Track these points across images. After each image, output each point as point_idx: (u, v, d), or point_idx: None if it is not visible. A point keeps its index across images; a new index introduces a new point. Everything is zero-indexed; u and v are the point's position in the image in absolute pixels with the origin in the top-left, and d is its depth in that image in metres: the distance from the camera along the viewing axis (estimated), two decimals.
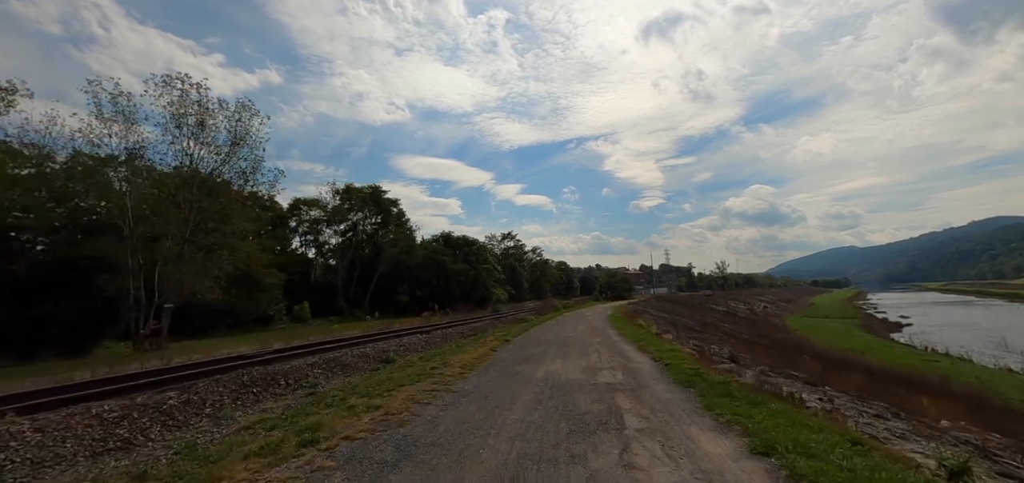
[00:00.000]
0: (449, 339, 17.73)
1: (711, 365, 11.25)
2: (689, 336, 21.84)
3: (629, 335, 16.25)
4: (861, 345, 29.82)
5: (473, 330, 20.89)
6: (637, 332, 17.12)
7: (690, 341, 18.63)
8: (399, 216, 55.44)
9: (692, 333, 25.93)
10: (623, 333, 17.20)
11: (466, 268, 56.86)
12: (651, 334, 16.94)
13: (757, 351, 21.08)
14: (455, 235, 61.11)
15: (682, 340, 17.62)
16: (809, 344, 28.56)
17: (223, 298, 35.80)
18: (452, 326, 23.88)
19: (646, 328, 19.11)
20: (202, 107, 23.89)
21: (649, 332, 17.46)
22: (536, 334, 18.04)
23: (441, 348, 14.48)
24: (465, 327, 23.10)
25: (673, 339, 16.61)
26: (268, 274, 38.89)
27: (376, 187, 55.02)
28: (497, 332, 18.79)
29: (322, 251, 55.17)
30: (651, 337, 15.20)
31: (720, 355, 15.97)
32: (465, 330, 20.90)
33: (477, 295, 57.80)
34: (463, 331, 20.27)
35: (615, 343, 13.96)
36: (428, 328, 22.01)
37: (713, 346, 18.47)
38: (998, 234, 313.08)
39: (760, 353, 20.02)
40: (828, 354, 22.59)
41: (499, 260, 75.37)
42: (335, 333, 21.95)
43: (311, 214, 53.11)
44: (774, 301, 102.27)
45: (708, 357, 14.26)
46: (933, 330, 38.09)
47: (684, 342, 16.86)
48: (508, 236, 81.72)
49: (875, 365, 19.48)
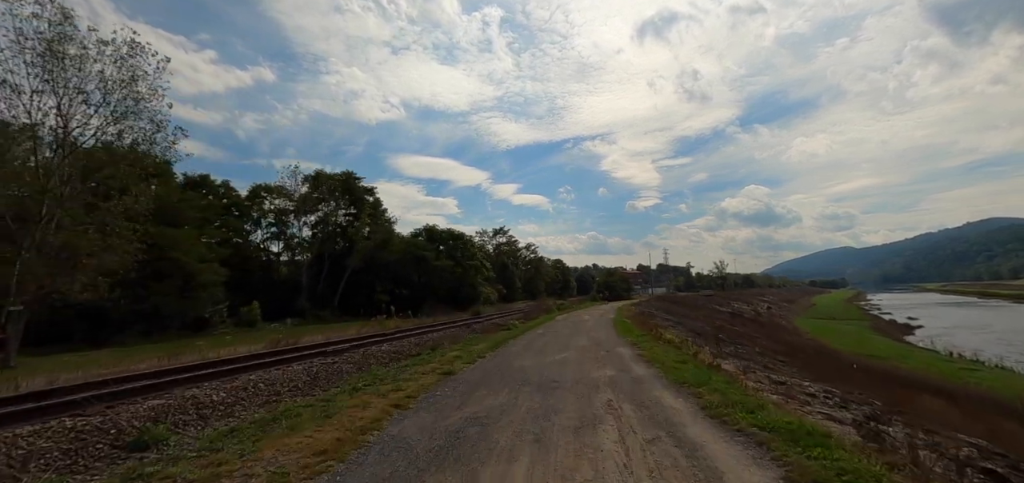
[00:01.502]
0: (366, 363, 11.11)
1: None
2: (721, 350, 15.54)
3: (660, 361, 9.69)
4: (884, 351, 26.64)
5: (423, 345, 14.34)
6: (669, 354, 10.56)
7: (729, 358, 12.32)
8: (375, 206, 48.80)
9: (722, 346, 19.65)
10: (647, 355, 10.64)
11: (451, 264, 50.29)
12: (692, 357, 10.39)
13: (793, 364, 17.12)
14: (440, 228, 54.50)
15: (725, 358, 11.24)
16: (834, 351, 25.40)
17: (140, 299, 29.27)
18: (402, 336, 17.31)
19: (679, 346, 12.54)
20: (56, 32, 17.22)
21: (686, 353, 10.91)
22: (508, 357, 11.48)
23: (312, 398, 7.68)
24: (420, 338, 16.55)
25: (721, 363, 10.17)
26: (205, 270, 32.24)
27: (349, 174, 48.41)
28: (452, 351, 12.26)
29: (290, 245, 48.49)
30: (703, 369, 8.64)
31: (802, 389, 9.60)
32: (411, 344, 14.33)
33: (463, 294, 51.23)
34: (405, 348, 13.68)
35: (649, 393, 7.08)
36: (361, 340, 15.47)
37: (768, 373, 12.07)
38: (994, 235, 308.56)
39: (798, 368, 16.00)
40: (867, 366, 19.59)
41: (490, 257, 68.83)
42: (218, 350, 15.34)
43: (276, 204, 46.45)
44: (776, 302, 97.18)
45: (795, 397, 7.89)
46: (947, 333, 35.34)
47: (740, 368, 10.36)
48: (500, 232, 75.19)
49: (926, 379, 16.34)
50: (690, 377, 7.61)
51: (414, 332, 18.96)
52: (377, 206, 48.83)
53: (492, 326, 21.46)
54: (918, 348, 29.42)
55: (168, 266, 31.34)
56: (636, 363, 9.87)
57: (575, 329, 19.47)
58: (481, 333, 18.89)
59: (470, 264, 52.56)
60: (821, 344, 30.95)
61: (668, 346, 12.27)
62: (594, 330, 18.68)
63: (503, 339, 15.75)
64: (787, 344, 29.89)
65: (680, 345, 12.30)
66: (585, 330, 18.80)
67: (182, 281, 31.51)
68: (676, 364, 9.06)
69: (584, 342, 14.48)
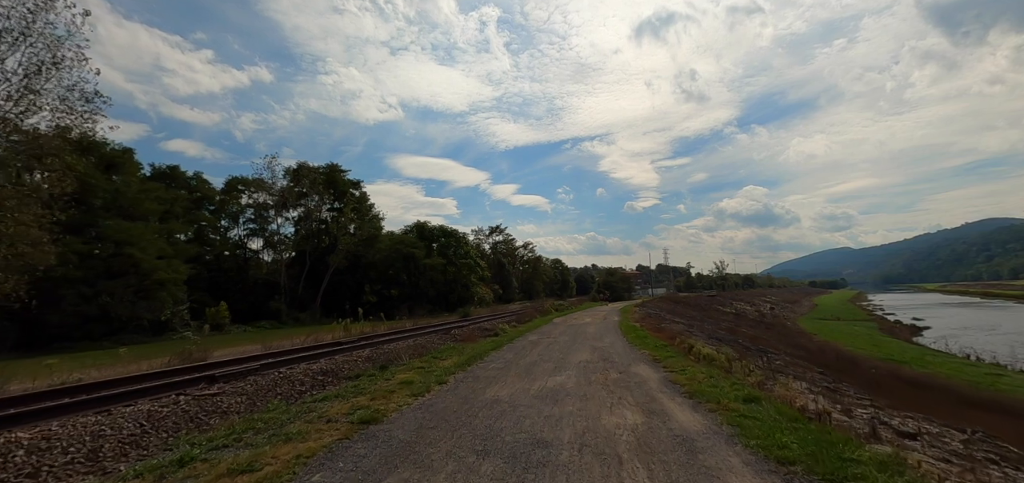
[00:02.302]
0: (264, 397, 7.46)
1: None
2: (770, 365, 12.05)
3: (708, 394, 6.13)
4: (900, 354, 24.78)
5: (376, 359, 10.78)
6: (716, 381, 6.94)
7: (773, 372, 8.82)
8: (360, 201, 45.26)
9: (743, 350, 16.21)
10: (684, 383, 7.06)
11: (442, 263, 46.75)
12: (750, 383, 6.80)
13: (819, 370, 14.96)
14: (431, 224, 50.96)
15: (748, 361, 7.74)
16: (853, 356, 23.35)
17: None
18: (358, 347, 13.72)
19: (718, 362, 8.88)
20: None
21: (737, 377, 7.33)
22: (479, 383, 7.95)
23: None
24: (377, 349, 12.98)
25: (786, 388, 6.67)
26: (164, 267, 28.72)
27: (334, 166, 44.88)
28: (405, 372, 8.74)
29: (271, 242, 44.96)
30: (785, 412, 5.07)
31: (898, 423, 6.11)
32: (358, 360, 10.75)
33: (456, 295, 47.70)
34: (344, 365, 10.09)
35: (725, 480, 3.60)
36: (300, 352, 11.93)
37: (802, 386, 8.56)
38: (993, 236, 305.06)
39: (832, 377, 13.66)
40: (895, 372, 17.96)
41: (486, 256, 65.29)
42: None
43: (255, 198, 42.90)
44: (779, 302, 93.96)
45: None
46: (957, 334, 33.95)
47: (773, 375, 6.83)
48: (497, 230, 71.63)
49: (978, 394, 13.75)
50: (791, 442, 4.07)
51: (379, 339, 15.42)
52: (363, 201, 45.29)
53: (477, 331, 17.92)
54: (932, 351, 27.61)
55: (122, 263, 27.82)
56: (671, 397, 6.35)
57: (575, 336, 15.92)
58: (461, 340, 15.35)
59: (463, 263, 49.03)
60: (838, 348, 28.12)
61: (704, 363, 8.70)
62: (599, 337, 15.13)
63: (483, 351, 12.20)
64: (805, 348, 26.86)
65: (717, 361, 8.72)
66: (588, 337, 15.26)
67: (138, 280, 28.02)
68: (740, 404, 5.51)
69: (587, 355, 10.94)
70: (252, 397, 7.05)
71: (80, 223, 27.17)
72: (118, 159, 31.77)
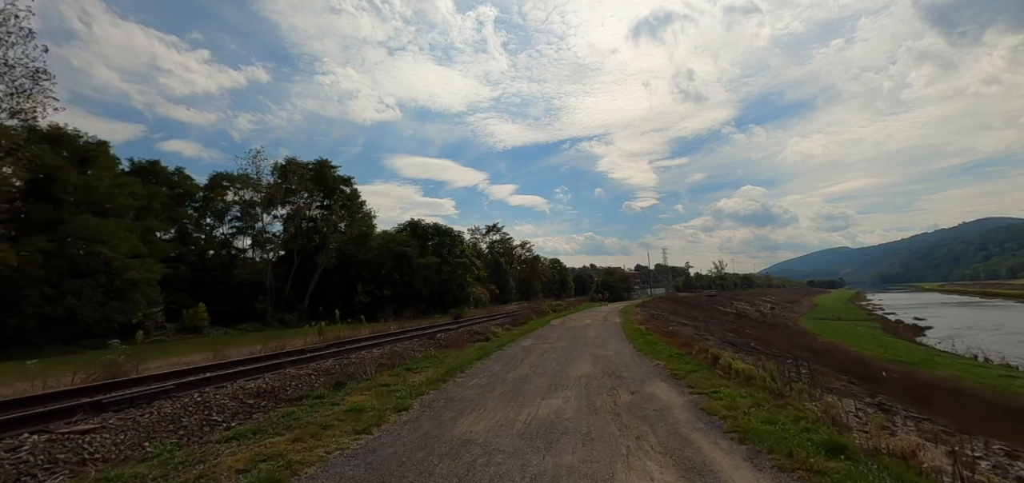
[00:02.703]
0: (140, 441, 5.55)
1: None
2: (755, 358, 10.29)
3: (763, 435, 4.27)
4: (906, 354, 23.69)
5: (336, 372, 8.92)
6: (771, 414, 5.07)
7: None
8: (351, 198, 43.36)
9: (759, 355, 14.45)
10: (725, 415, 5.18)
11: (437, 262, 44.87)
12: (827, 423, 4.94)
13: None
14: (425, 222, 49.09)
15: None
16: (863, 358, 22.01)
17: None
18: (323, 355, 11.82)
19: (759, 380, 6.95)
20: None
21: (809, 415, 5.43)
22: (449, 410, 6.09)
23: None
24: (343, 358, 11.10)
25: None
26: (135, 266, 26.82)
27: (323, 162, 43.00)
28: (362, 394, 6.87)
29: (259, 241, 43.01)
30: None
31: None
32: (310, 374, 8.89)
33: (451, 295, 45.85)
34: (292, 382, 8.20)
35: None
36: (246, 364, 10.07)
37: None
38: (990, 235, 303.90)
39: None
40: (907, 373, 16.66)
41: (483, 256, 63.45)
42: None
43: (241, 195, 40.98)
44: (779, 302, 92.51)
45: None
46: (960, 334, 33.02)
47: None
48: (494, 228, 69.75)
49: (993, 397, 12.41)
50: None
51: (353, 345, 13.56)
52: (353, 198, 43.39)
53: (466, 335, 16.08)
54: (939, 352, 26.62)
55: (90, 262, 25.94)
56: (712, 440, 4.52)
57: (574, 341, 14.09)
58: (446, 346, 13.51)
59: (458, 262, 47.16)
60: (846, 350, 26.49)
61: (739, 382, 6.84)
62: (602, 343, 13.29)
63: (467, 360, 10.37)
64: (812, 350, 25.10)
65: (756, 379, 6.83)
66: (588, 343, 13.42)
67: (108, 280, 26.13)
68: (823, 459, 3.66)
69: (589, 367, 9.11)
70: (141, 434, 5.21)
71: (47, 220, 25.35)
72: (92, 153, 29.82)
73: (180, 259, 36.62)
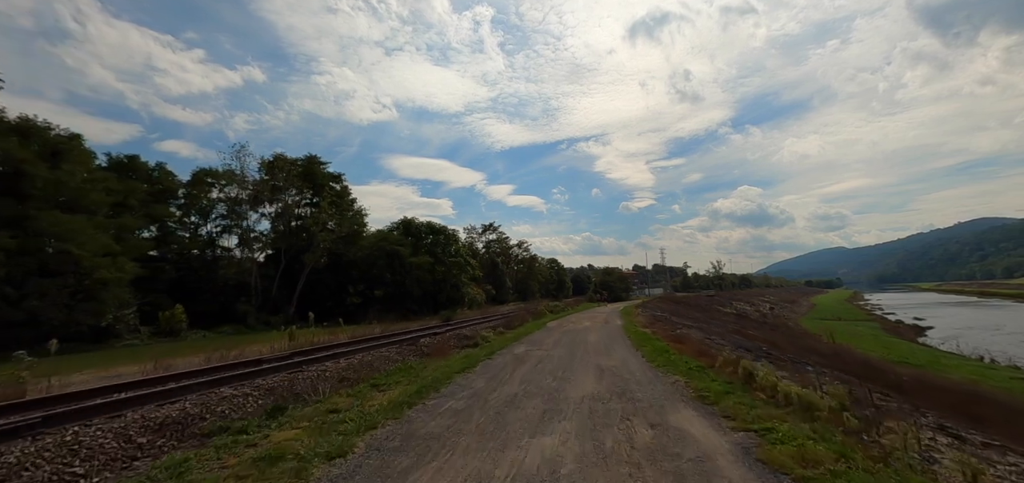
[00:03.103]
0: None
1: None
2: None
3: None
4: (912, 356, 22.86)
5: (282, 391, 7.22)
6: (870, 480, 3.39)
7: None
8: (341, 195, 41.62)
9: (777, 362, 12.83)
10: (801, 474, 3.49)
11: (430, 261, 43.17)
12: None
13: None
14: (419, 220, 47.38)
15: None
16: (876, 362, 20.50)
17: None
18: (276, 367, 10.11)
19: (820, 411, 5.26)
20: None
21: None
22: (406, 452, 4.33)
23: None
24: (297, 374, 9.37)
25: None
26: (105, 266, 25.05)
27: (312, 158, 41.27)
28: (304, 425, 5.10)
29: (247, 240, 41.18)
30: None
31: None
32: (252, 394, 7.20)
33: (445, 296, 44.17)
34: (215, 409, 6.53)
35: None
36: (181, 377, 8.39)
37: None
38: (985, 235, 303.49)
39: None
40: (919, 378, 15.24)
41: (478, 255, 61.76)
42: None
43: (226, 192, 39.18)
44: (778, 302, 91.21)
45: None
46: (962, 334, 32.30)
47: None
48: (490, 227, 68.06)
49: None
50: None
51: (320, 354, 11.84)
52: (343, 195, 41.65)
53: (453, 340, 14.41)
54: (944, 353, 25.75)
55: (58, 261, 24.20)
56: None
57: (573, 348, 12.42)
58: (428, 354, 11.84)
59: (453, 261, 45.46)
60: (854, 352, 25.01)
61: (796, 413, 5.16)
62: (605, 350, 11.63)
63: (445, 374, 8.70)
64: (819, 352, 23.54)
65: (819, 409, 5.13)
66: (590, 350, 11.76)
67: (77, 280, 24.37)
68: None
69: (592, 385, 7.45)
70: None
71: (12, 216, 23.65)
72: (64, 146, 28.00)
73: (163, 259, 34.89)
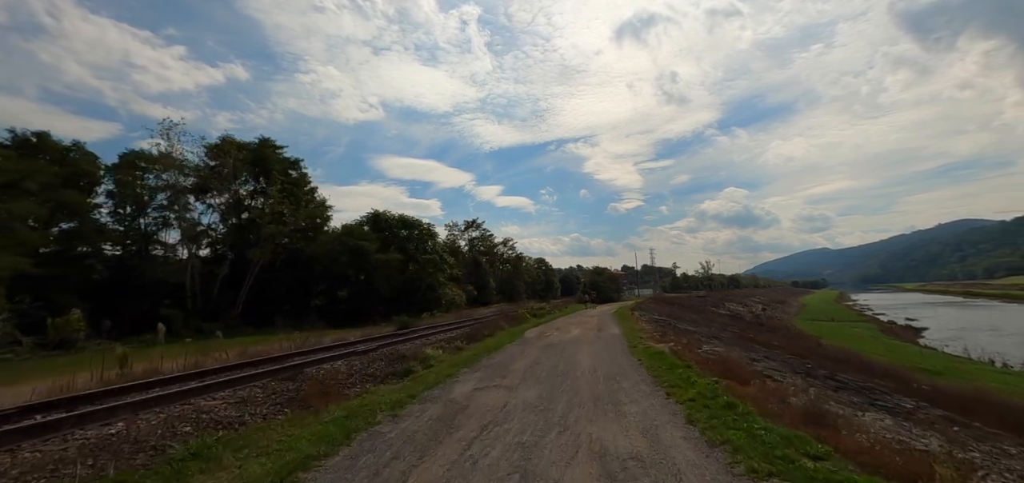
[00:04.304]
0: None
1: None
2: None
3: None
4: (921, 361, 20.71)
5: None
6: None
7: None
8: (298, 183, 36.34)
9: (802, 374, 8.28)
10: None
11: (400, 259, 38.09)
12: None
13: None
14: (391, 214, 42.21)
15: None
16: (887, 366, 17.70)
17: None
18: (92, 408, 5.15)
19: None
20: None
21: None
22: None
23: None
24: (101, 427, 4.40)
25: None
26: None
27: (264, 141, 35.93)
28: None
29: (192, 235, 35.68)
30: None
31: None
32: None
33: (418, 297, 39.11)
34: None
35: None
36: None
37: None
38: (965, 236, 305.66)
39: None
40: (946, 390, 11.89)
41: (461, 253, 56.72)
42: None
43: (165, 179, 33.66)
44: (768, 302, 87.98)
45: None
46: (959, 335, 31.37)
47: None
48: (473, 224, 63.06)
49: None
50: None
51: (167, 387, 6.86)
52: (300, 184, 36.37)
53: (378, 363, 9.44)
54: (958, 358, 23.86)
55: None
56: None
57: (556, 381, 7.60)
58: (304, 397, 6.82)
59: (427, 259, 40.39)
60: (861, 357, 21.44)
61: None
62: (609, 390, 6.79)
63: (259, 477, 3.69)
64: (824, 357, 19.59)
65: None
66: (582, 387, 6.95)
67: None
68: None
69: None
70: None
71: None
72: None
73: (81, 257, 29.45)
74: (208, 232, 36.16)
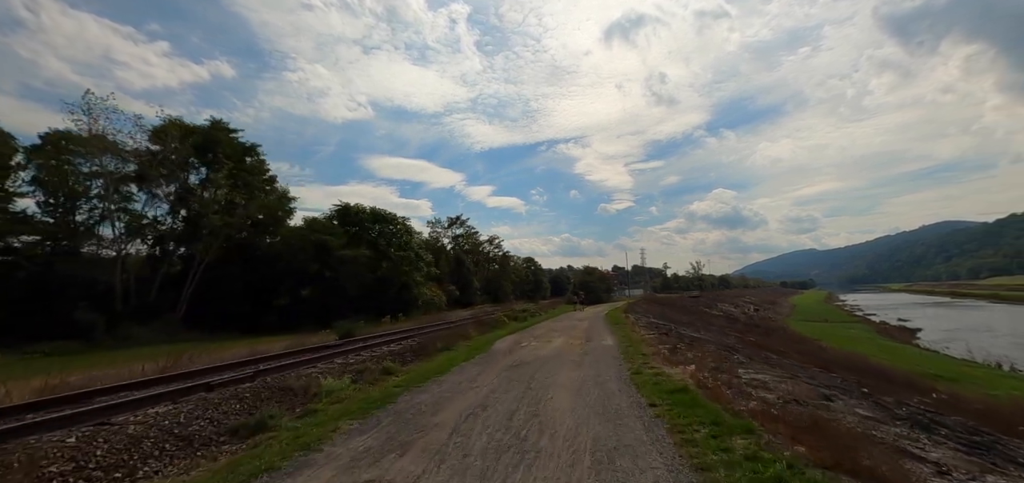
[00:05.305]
0: None
1: None
2: None
3: None
4: (931, 365, 18.94)
5: None
6: None
7: None
8: (253, 171, 32.24)
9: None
10: None
11: (368, 255, 34.16)
12: None
13: None
14: (364, 207, 38.25)
15: None
16: (895, 371, 15.88)
17: None
18: None
19: None
20: None
21: None
22: None
23: None
24: None
25: None
26: None
27: (216, 123, 31.78)
28: None
29: (138, 228, 31.41)
30: None
31: None
32: None
33: (390, 297, 35.20)
34: None
35: None
36: None
37: None
38: (949, 237, 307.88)
39: None
40: (959, 397, 11.38)
41: (444, 251, 52.88)
42: None
43: (103, 165, 29.38)
44: (759, 302, 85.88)
45: None
46: (954, 336, 30.84)
47: None
48: (457, 221, 59.16)
49: None
50: None
51: None
52: (256, 171, 32.29)
53: (224, 410, 5.60)
54: (963, 361, 22.94)
55: None
56: None
57: (499, 456, 3.87)
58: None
59: (401, 256, 36.50)
60: (865, 360, 19.16)
61: None
62: (591, 470, 3.03)
63: None
64: (826, 360, 17.11)
65: None
66: (547, 470, 3.20)
67: None
68: None
69: None
70: None
71: None
72: None
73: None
74: (155, 226, 31.95)
